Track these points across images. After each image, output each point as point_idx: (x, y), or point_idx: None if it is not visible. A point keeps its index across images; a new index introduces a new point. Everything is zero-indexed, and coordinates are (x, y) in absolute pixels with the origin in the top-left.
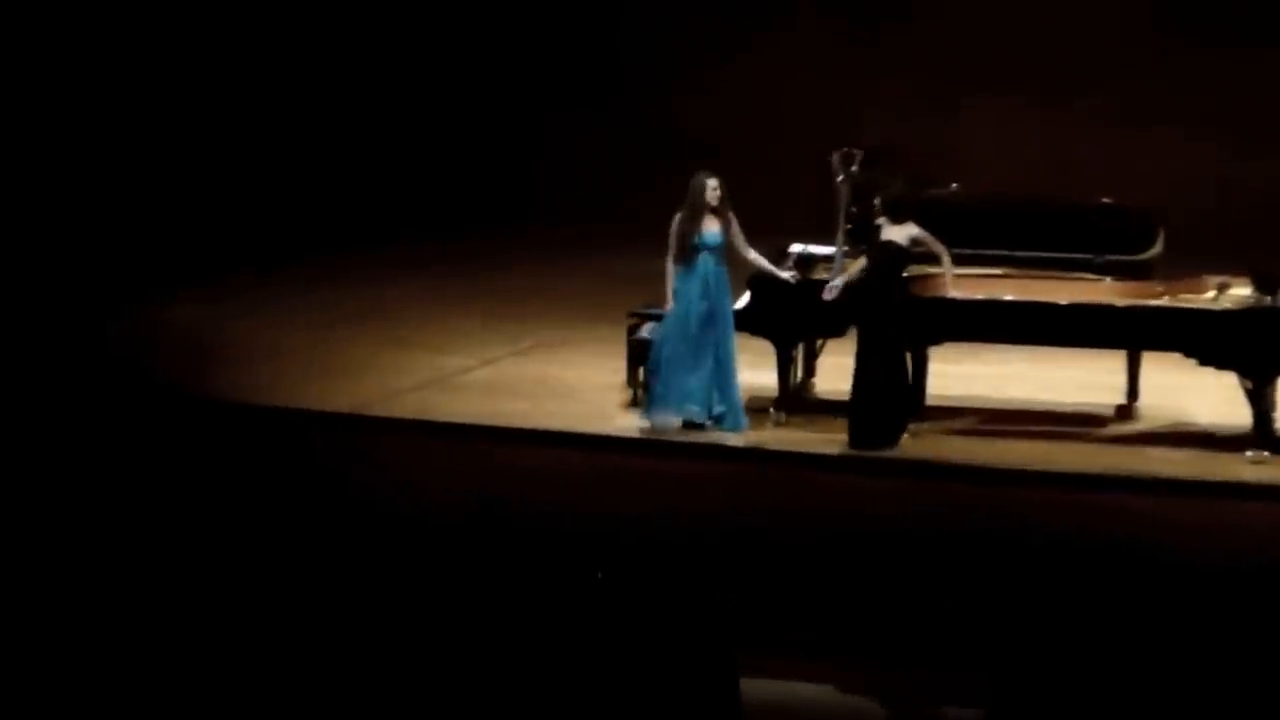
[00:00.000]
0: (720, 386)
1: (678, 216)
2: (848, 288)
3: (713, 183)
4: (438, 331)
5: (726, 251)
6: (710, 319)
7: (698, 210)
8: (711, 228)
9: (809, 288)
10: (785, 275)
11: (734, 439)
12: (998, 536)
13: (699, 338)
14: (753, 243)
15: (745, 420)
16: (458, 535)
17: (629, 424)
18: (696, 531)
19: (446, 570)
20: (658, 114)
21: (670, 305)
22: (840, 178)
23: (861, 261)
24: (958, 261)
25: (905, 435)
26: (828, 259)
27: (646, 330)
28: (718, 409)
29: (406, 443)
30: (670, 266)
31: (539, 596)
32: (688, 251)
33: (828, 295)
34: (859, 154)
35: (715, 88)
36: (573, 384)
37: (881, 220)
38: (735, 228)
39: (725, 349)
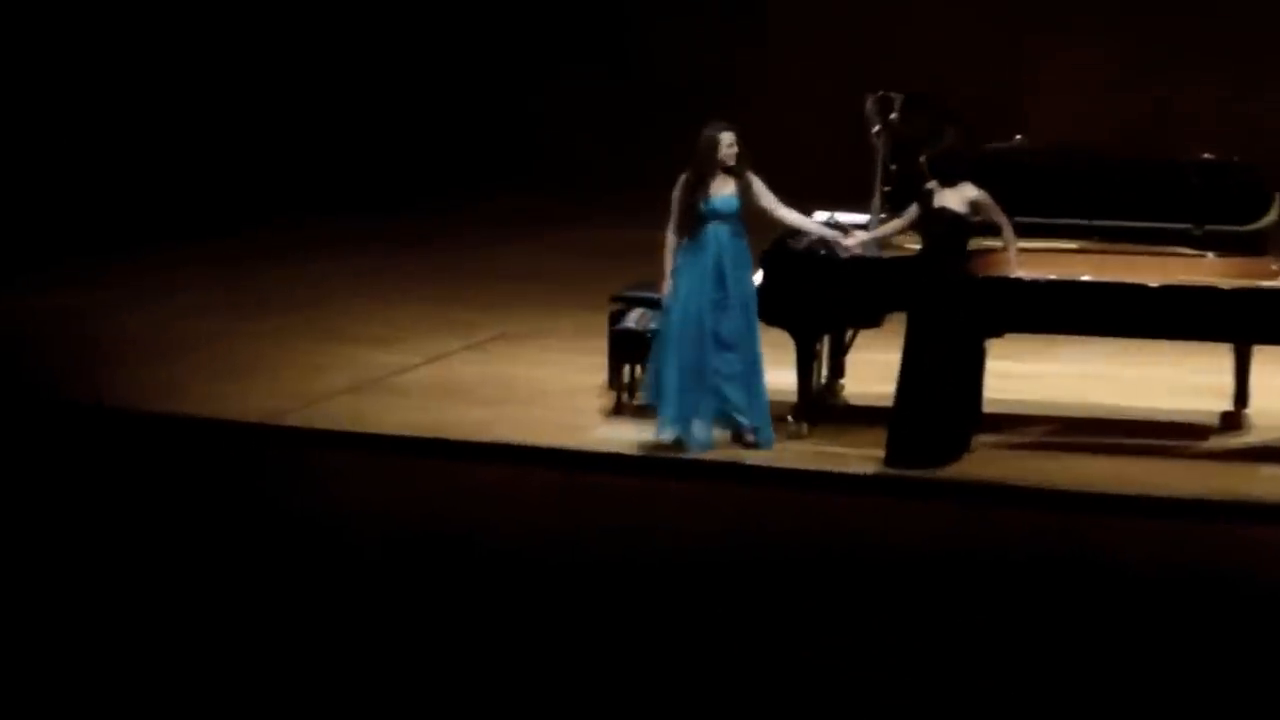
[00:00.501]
0: (747, 392)
1: (682, 177)
2: (883, 260)
3: (727, 136)
4: (375, 322)
5: (749, 221)
6: (725, 305)
7: (707, 169)
8: (725, 190)
9: (837, 265)
10: (839, 239)
11: (749, 456)
12: (1075, 576)
13: (711, 330)
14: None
15: (772, 435)
16: (395, 572)
17: (611, 435)
18: (692, 571)
19: (379, 615)
20: (656, 61)
21: (668, 288)
22: (876, 128)
23: (897, 222)
24: (1022, 232)
25: (964, 451)
26: (860, 227)
27: (633, 319)
28: (744, 421)
29: (334, 458)
30: (670, 239)
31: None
32: (693, 220)
33: (846, 249)
34: (898, 98)
35: (724, 21)
36: (542, 386)
37: (931, 183)
38: (759, 187)
39: (748, 344)
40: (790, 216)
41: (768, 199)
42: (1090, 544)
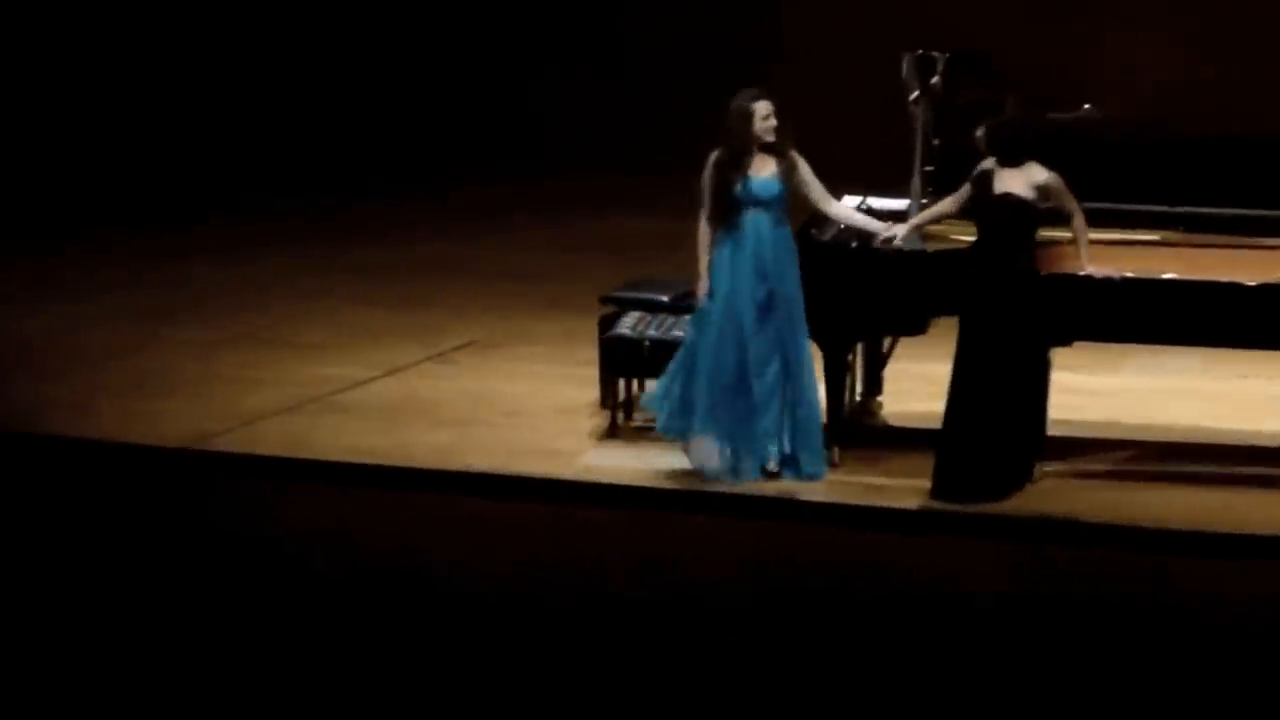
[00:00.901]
0: (791, 412)
1: (713, 156)
2: (928, 254)
3: (763, 106)
4: (321, 327)
5: (792, 208)
6: (770, 307)
7: (741, 146)
8: (764, 172)
9: (872, 258)
10: (882, 230)
11: (772, 489)
12: (1154, 627)
13: (753, 337)
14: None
15: (824, 464)
16: (346, 625)
17: (604, 462)
18: (701, 620)
19: (330, 673)
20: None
21: (703, 287)
22: (914, 95)
23: (943, 206)
24: (1094, 221)
25: (1025, 481)
26: (897, 216)
27: (628, 324)
28: (787, 447)
29: (270, 490)
30: (703, 229)
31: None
32: (728, 207)
33: (884, 240)
34: (941, 58)
35: None
36: (519, 403)
37: (989, 162)
38: (804, 171)
39: (796, 352)
40: (841, 212)
41: (814, 188)
42: (1173, 589)
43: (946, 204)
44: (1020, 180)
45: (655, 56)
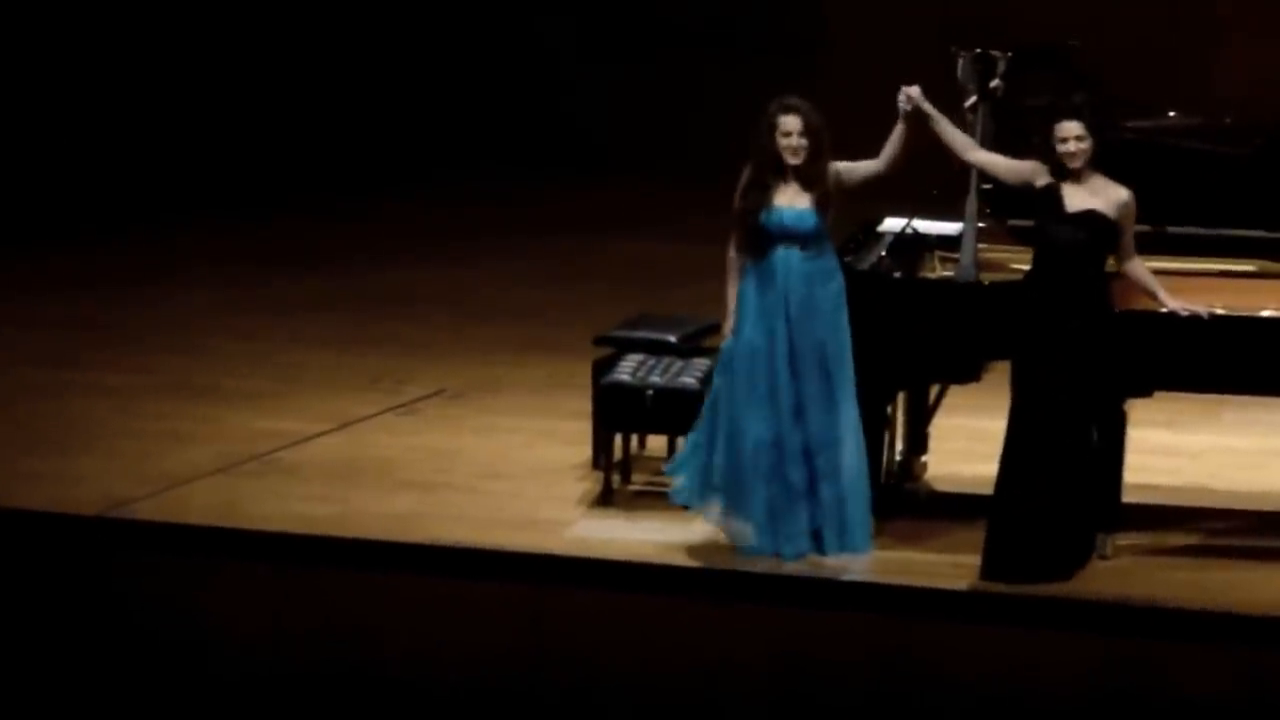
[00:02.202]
0: (834, 479)
1: (745, 171)
2: (984, 286)
3: (789, 121)
4: (261, 372)
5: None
6: (802, 361)
7: (769, 166)
8: (793, 199)
9: (918, 290)
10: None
11: (822, 566)
12: None
13: (786, 390)
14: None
15: (869, 538)
16: None
17: (597, 534)
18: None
19: None
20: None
21: (728, 327)
22: (971, 100)
23: (994, 158)
24: (1176, 247)
25: (1092, 557)
26: (949, 243)
27: (627, 369)
28: (828, 520)
29: (197, 567)
30: (732, 258)
31: None
32: (754, 238)
33: (903, 103)
34: (1003, 57)
35: None
36: (495, 464)
37: (1046, 174)
38: (845, 172)
39: (838, 408)
40: (884, 154)
41: (861, 168)
42: (1275, 689)
43: (999, 159)
44: (1100, 197)
45: (684, 41)
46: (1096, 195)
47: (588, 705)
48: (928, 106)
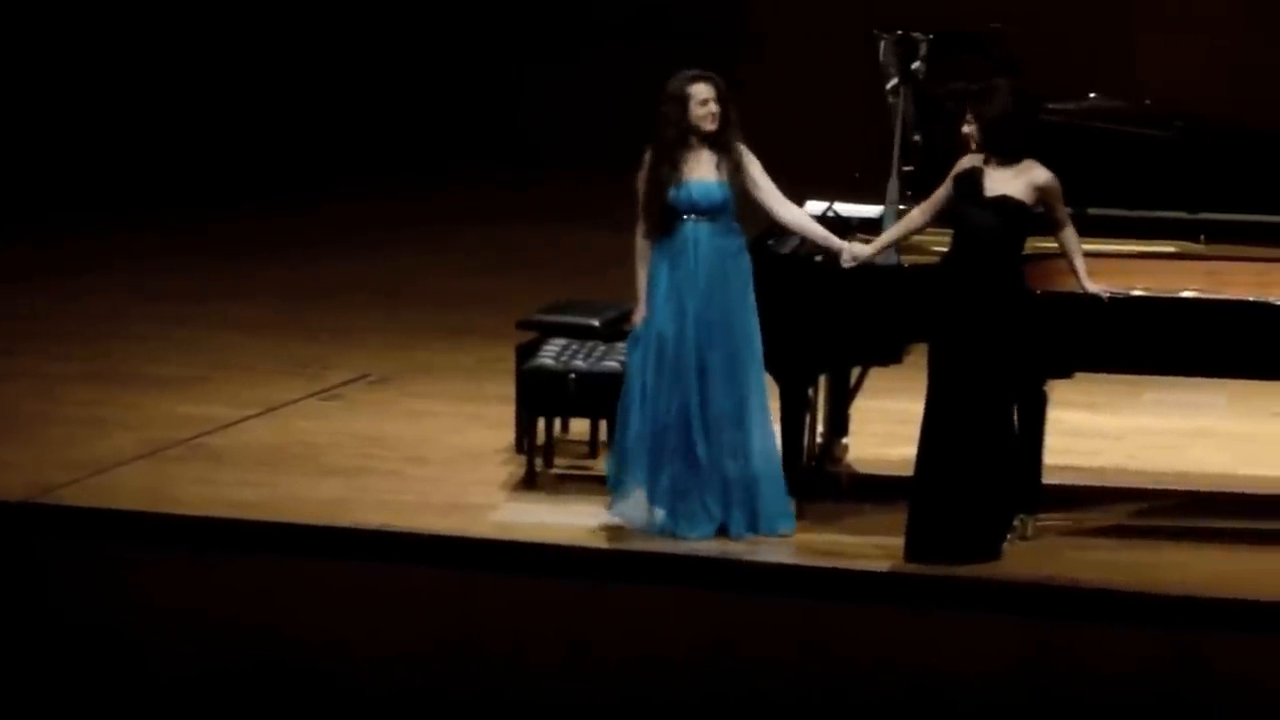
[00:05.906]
0: (745, 459)
1: (645, 155)
2: (904, 270)
3: (700, 89)
4: (183, 358)
5: (744, 214)
6: (709, 336)
7: (677, 140)
8: (705, 173)
9: (840, 276)
10: (845, 249)
11: (743, 549)
12: (1180, 716)
13: (695, 370)
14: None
15: (791, 518)
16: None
17: (520, 518)
18: (633, 708)
19: None
20: None
21: (640, 311)
22: (892, 83)
23: (919, 213)
24: (1096, 229)
25: (1009, 537)
26: (869, 225)
27: (551, 354)
28: (740, 500)
29: (121, 552)
30: (640, 244)
31: None
32: (663, 215)
33: (846, 262)
34: (925, 41)
35: None
36: (420, 448)
37: (978, 159)
38: (754, 170)
39: (748, 388)
40: (798, 221)
41: (765, 190)
42: (1197, 668)
43: (918, 214)
44: (1018, 181)
45: (615, 34)
46: (1017, 179)
47: (514, 689)
48: (870, 251)
